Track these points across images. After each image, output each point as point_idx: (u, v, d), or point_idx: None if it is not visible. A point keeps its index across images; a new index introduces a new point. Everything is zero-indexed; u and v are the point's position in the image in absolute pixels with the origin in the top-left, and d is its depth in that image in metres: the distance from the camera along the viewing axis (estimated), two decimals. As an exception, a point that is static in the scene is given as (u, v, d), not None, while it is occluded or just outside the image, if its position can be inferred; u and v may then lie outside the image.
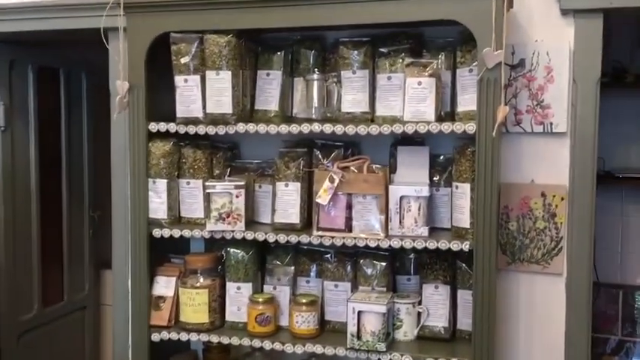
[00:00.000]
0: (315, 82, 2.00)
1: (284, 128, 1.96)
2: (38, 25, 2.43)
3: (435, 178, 2.02)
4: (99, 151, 3.55)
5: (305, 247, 2.14)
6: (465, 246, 1.84)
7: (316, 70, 2.04)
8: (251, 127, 1.99)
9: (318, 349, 1.96)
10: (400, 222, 1.91)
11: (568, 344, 2.08)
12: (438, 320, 1.99)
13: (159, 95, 2.13)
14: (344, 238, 1.94)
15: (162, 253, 2.23)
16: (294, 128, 1.95)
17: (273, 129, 1.97)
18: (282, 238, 1.99)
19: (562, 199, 2.06)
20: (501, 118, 1.73)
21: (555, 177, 2.07)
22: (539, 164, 2.09)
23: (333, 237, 1.94)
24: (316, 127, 1.93)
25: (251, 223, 2.11)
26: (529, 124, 2.08)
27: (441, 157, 2.05)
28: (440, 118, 1.91)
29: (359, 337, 1.90)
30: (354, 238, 1.93)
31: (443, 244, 1.86)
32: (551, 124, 2.06)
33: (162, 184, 2.08)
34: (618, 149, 3.35)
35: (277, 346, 1.99)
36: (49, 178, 3.18)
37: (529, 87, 2.07)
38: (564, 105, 2.03)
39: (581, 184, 2.02)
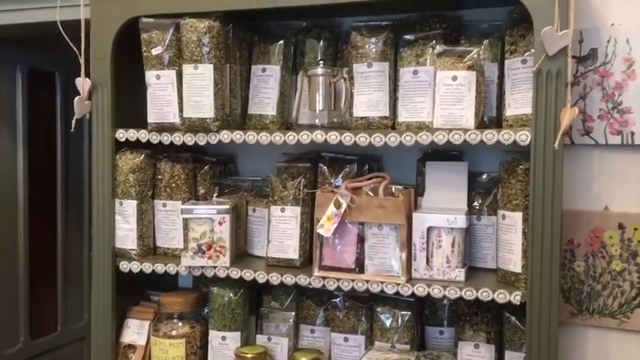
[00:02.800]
0: (320, 79, 1.56)
1: (278, 137, 1.53)
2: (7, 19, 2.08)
3: (475, 204, 1.55)
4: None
5: (310, 287, 1.69)
6: (515, 298, 1.36)
7: (321, 62, 1.60)
8: (237, 136, 1.56)
9: (320, 423, 1.51)
10: (427, 261, 1.45)
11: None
12: (479, 392, 1.51)
13: (130, 97, 1.74)
14: (353, 280, 1.49)
15: (138, 288, 1.83)
16: (291, 137, 1.51)
17: (264, 138, 1.54)
18: (274, 278, 1.56)
19: (647, 232, 1.55)
20: (567, 125, 1.26)
21: (637, 203, 1.57)
22: (616, 186, 1.59)
23: (339, 279, 1.49)
24: (318, 137, 1.49)
25: (243, 256, 1.69)
26: (602, 134, 1.58)
27: (484, 176, 1.58)
28: (482, 125, 1.45)
29: (371, 414, 1.44)
30: (367, 281, 1.47)
31: (484, 294, 1.38)
32: (633, 133, 1.56)
33: (131, 206, 1.68)
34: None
35: (268, 416, 1.55)
36: (40, 191, 2.85)
37: (602, 85, 1.58)
38: (651, 108, 1.53)
39: (674, 214, 1.51)
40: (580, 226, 1.61)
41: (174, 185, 1.72)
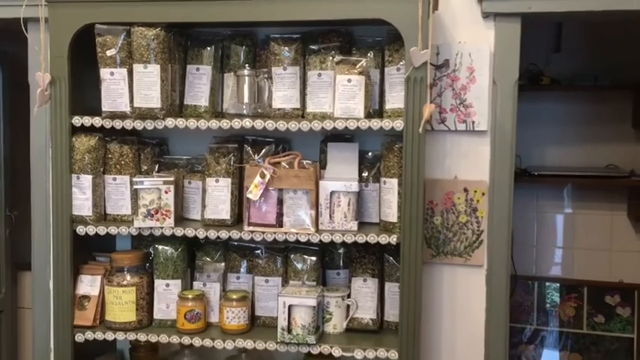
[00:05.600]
0: (246, 78, 2.00)
1: (214, 124, 1.95)
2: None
3: (364, 174, 2.06)
4: (16, 148, 3.40)
5: (235, 243, 2.14)
6: (393, 239, 1.89)
7: (247, 65, 2.04)
8: (180, 123, 1.96)
9: (248, 344, 1.96)
10: (330, 217, 1.94)
11: (488, 333, 2.18)
12: (366, 312, 2.03)
13: (83, 89, 2.07)
14: (275, 233, 1.95)
15: (86, 251, 2.16)
16: (225, 124, 1.94)
17: (203, 124, 1.95)
18: (212, 234, 1.98)
19: (483, 194, 2.16)
20: (427, 116, 1.80)
21: (477, 173, 2.17)
22: (462, 161, 2.18)
23: (264, 232, 1.95)
24: (247, 123, 1.93)
25: (180, 219, 2.08)
26: (453, 123, 2.16)
27: (370, 154, 2.09)
28: (369, 115, 1.96)
29: (289, 331, 1.92)
30: (285, 233, 1.94)
31: (371, 238, 1.90)
32: (473, 122, 2.15)
33: (86, 180, 2.02)
34: (535, 149, 3.55)
35: (207, 342, 1.98)
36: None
37: (453, 86, 2.16)
38: (485, 104, 2.13)
39: (500, 180, 2.13)
40: (437, 190, 2.19)
41: (122, 163, 2.08)
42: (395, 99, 1.94)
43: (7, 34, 2.41)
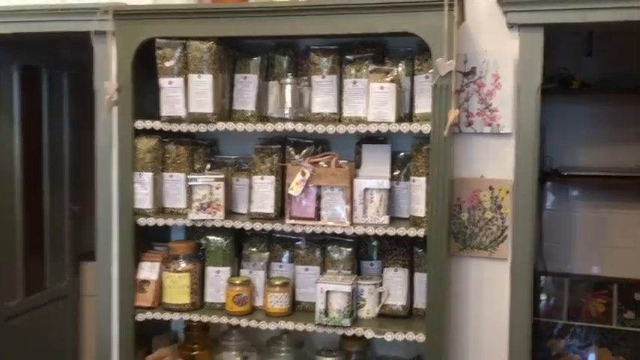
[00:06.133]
0: (289, 86, 2.21)
1: (260, 127, 2.17)
2: (30, 28, 2.58)
3: (395, 173, 2.25)
4: (78, 149, 3.71)
5: (278, 235, 2.35)
6: (420, 232, 2.07)
7: (289, 74, 2.26)
8: (230, 126, 2.19)
9: (289, 325, 2.17)
10: (364, 211, 2.14)
11: (512, 322, 2.34)
12: (397, 300, 2.22)
13: (144, 95, 2.32)
14: (313, 225, 2.16)
15: (146, 241, 2.41)
16: (270, 127, 2.16)
17: (250, 127, 2.18)
18: (257, 226, 2.20)
19: (507, 192, 2.31)
20: (452, 120, 1.97)
21: (502, 172, 2.33)
22: (488, 161, 2.35)
23: (304, 225, 2.16)
24: (289, 126, 2.15)
25: (229, 213, 2.31)
26: (479, 126, 2.33)
27: (401, 154, 2.27)
28: (400, 119, 2.14)
29: (326, 314, 2.12)
30: (323, 226, 2.15)
31: (401, 231, 2.09)
32: (499, 125, 2.31)
33: (147, 177, 2.27)
34: (567, 149, 3.66)
35: (253, 323, 2.20)
36: (31, 173, 3.32)
37: (479, 92, 2.32)
38: (510, 109, 2.29)
39: (523, 179, 2.28)
40: (464, 188, 2.36)
41: (178, 162, 2.32)
42: (423, 104, 2.12)
43: (72, 43, 2.69)
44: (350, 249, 2.27)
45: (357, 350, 2.26)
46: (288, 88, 2.22)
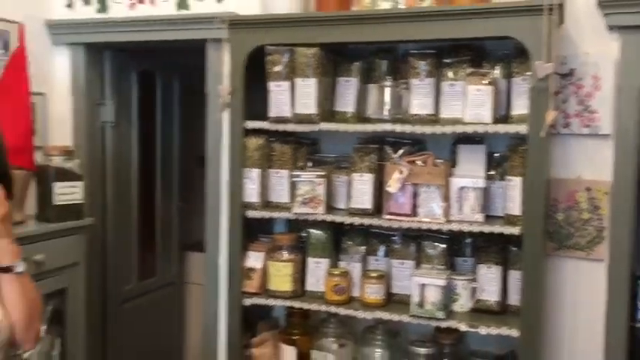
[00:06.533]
0: (388, 88, 2.34)
1: (360, 127, 2.31)
2: (152, 36, 2.85)
3: (490, 172, 2.31)
4: (185, 148, 4.00)
5: (375, 230, 2.47)
6: (516, 230, 2.13)
7: (388, 77, 2.38)
8: (332, 126, 2.34)
9: (385, 315, 2.29)
10: (459, 209, 2.22)
11: (608, 324, 2.33)
12: (491, 295, 2.28)
13: (252, 97, 2.51)
14: (410, 221, 2.26)
15: (252, 232, 2.61)
16: (369, 127, 2.29)
17: (351, 127, 2.32)
18: (356, 220, 2.34)
19: (605, 193, 2.31)
20: (549, 122, 2.02)
21: (599, 174, 2.33)
22: (586, 162, 2.35)
23: (400, 220, 2.27)
24: (388, 127, 2.27)
25: (329, 208, 2.45)
26: (577, 127, 2.34)
27: (496, 155, 2.33)
28: (496, 121, 2.20)
29: (421, 306, 2.22)
30: (419, 222, 2.25)
31: (496, 228, 2.15)
32: (597, 126, 2.32)
33: (255, 173, 2.46)
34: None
35: (350, 312, 2.34)
36: (146, 171, 3.63)
37: (577, 94, 2.34)
38: (609, 110, 2.29)
39: (623, 180, 2.27)
40: (561, 188, 2.38)
41: (283, 159, 2.50)
42: (520, 106, 2.18)
43: (183, 50, 2.94)
44: (444, 245, 2.36)
45: (450, 343, 2.34)
46: (387, 91, 2.34)
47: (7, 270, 1.51)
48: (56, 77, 3.08)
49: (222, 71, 2.72)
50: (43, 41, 3.00)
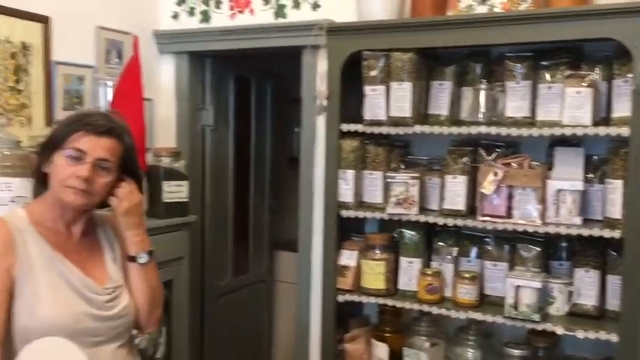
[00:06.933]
0: (483, 91, 2.36)
1: (455, 130, 2.35)
2: (249, 44, 3.00)
3: (589, 175, 2.28)
4: (276, 150, 4.16)
5: (467, 232, 2.50)
6: (616, 234, 2.10)
7: (483, 80, 2.40)
8: (426, 129, 2.39)
9: (478, 316, 2.31)
10: (556, 212, 2.21)
11: None
12: (588, 300, 2.25)
13: (346, 101, 2.60)
14: (505, 223, 2.27)
15: (345, 232, 2.70)
16: (464, 130, 2.33)
17: (445, 130, 2.36)
18: (450, 221, 2.38)
19: None
20: (654, 123, 1.98)
21: None
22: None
23: (495, 222, 2.29)
24: (483, 129, 2.29)
25: (421, 209, 2.50)
26: (681, 129, 2.27)
27: (595, 158, 2.30)
28: (596, 123, 2.18)
29: (516, 308, 2.23)
30: (514, 224, 2.26)
31: (595, 232, 2.13)
32: None
33: (350, 174, 2.55)
34: None
35: (443, 311, 2.38)
36: (240, 171, 3.80)
37: (683, 95, 2.27)
38: None
39: None
40: (664, 192, 2.31)
41: (377, 161, 2.57)
42: (622, 108, 2.14)
43: (276, 56, 3.07)
44: (539, 248, 2.35)
45: (544, 346, 2.33)
46: (482, 94, 2.36)
47: (132, 259, 1.67)
48: (162, 84, 3.30)
49: (317, 76, 2.83)
50: (151, 50, 3.22)
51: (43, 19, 2.65)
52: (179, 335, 2.85)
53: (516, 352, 2.32)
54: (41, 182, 1.60)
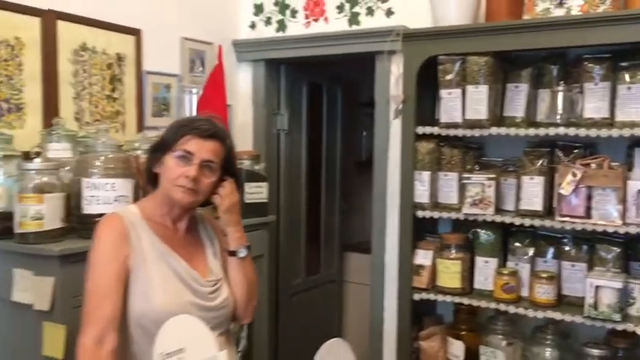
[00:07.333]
0: (560, 93, 2.39)
1: (532, 131, 2.38)
2: (324, 51, 3.12)
3: (671, 176, 2.28)
4: (345, 153, 4.26)
5: (543, 232, 2.52)
6: (701, 234, 2.09)
7: (560, 82, 2.42)
8: (503, 130, 2.44)
9: (557, 315, 2.33)
10: (637, 212, 2.21)
11: None
12: (672, 301, 2.24)
13: (420, 104, 2.67)
14: (584, 224, 2.29)
15: (419, 232, 2.77)
16: (542, 131, 2.36)
17: (522, 132, 2.40)
18: (527, 221, 2.41)
19: None
20: None
21: None
22: None
23: (573, 222, 2.30)
24: (561, 131, 2.32)
25: (496, 209, 2.54)
26: None
27: (677, 158, 2.29)
28: (678, 123, 2.18)
29: (595, 308, 2.24)
30: (594, 224, 2.27)
31: (679, 232, 2.12)
32: None
33: (426, 175, 2.62)
34: None
35: (521, 310, 2.41)
36: (313, 173, 3.92)
37: None
38: None
39: None
40: None
41: (452, 162, 2.63)
42: None
43: (346, 63, 3.16)
44: (619, 249, 2.35)
45: (624, 347, 2.32)
46: (559, 95, 2.39)
47: (232, 254, 1.80)
48: (240, 90, 3.46)
49: (391, 81, 2.92)
50: (230, 59, 3.38)
51: (135, 32, 2.85)
52: (259, 330, 2.98)
53: (596, 352, 2.32)
54: (151, 181, 1.74)
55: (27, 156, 2.20)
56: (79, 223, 2.16)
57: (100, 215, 2.08)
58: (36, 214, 2.03)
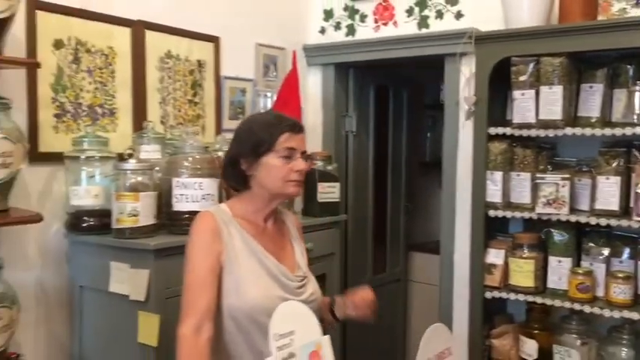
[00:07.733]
0: (638, 93, 2.38)
1: (608, 131, 2.38)
2: (393, 54, 3.19)
3: None
4: (410, 154, 4.31)
5: (618, 233, 2.51)
6: None
7: (638, 82, 2.42)
8: (577, 131, 2.45)
9: (633, 316, 2.33)
10: None
11: None
12: None
13: (491, 105, 2.71)
14: (663, 224, 2.28)
15: (490, 231, 2.80)
16: (618, 131, 2.36)
17: (598, 132, 2.41)
18: (603, 221, 2.41)
19: None
20: None
21: None
22: None
23: (652, 222, 2.30)
24: (638, 130, 2.32)
25: (571, 209, 2.55)
26: None
27: None
28: None
29: (675, 309, 2.23)
30: (673, 224, 2.26)
31: None
32: None
33: (498, 175, 2.65)
34: None
35: (596, 310, 2.41)
36: (379, 174, 3.99)
37: None
38: None
39: None
40: None
41: (525, 162, 2.65)
42: None
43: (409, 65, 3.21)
44: (700, 249, 2.33)
45: None
46: (636, 95, 2.38)
47: (333, 313, 1.93)
48: (310, 93, 3.56)
49: (461, 82, 2.96)
50: (301, 63, 3.48)
51: (214, 39, 2.99)
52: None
53: (675, 353, 2.31)
54: (242, 183, 1.82)
55: (121, 157, 2.37)
56: (169, 220, 2.31)
57: (189, 212, 2.23)
58: (132, 211, 2.18)
